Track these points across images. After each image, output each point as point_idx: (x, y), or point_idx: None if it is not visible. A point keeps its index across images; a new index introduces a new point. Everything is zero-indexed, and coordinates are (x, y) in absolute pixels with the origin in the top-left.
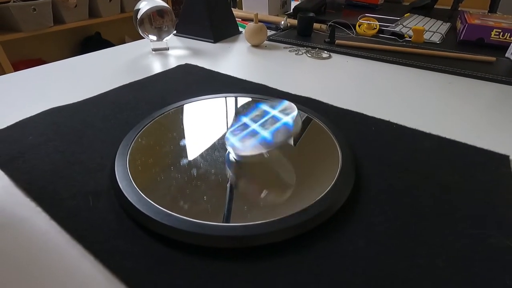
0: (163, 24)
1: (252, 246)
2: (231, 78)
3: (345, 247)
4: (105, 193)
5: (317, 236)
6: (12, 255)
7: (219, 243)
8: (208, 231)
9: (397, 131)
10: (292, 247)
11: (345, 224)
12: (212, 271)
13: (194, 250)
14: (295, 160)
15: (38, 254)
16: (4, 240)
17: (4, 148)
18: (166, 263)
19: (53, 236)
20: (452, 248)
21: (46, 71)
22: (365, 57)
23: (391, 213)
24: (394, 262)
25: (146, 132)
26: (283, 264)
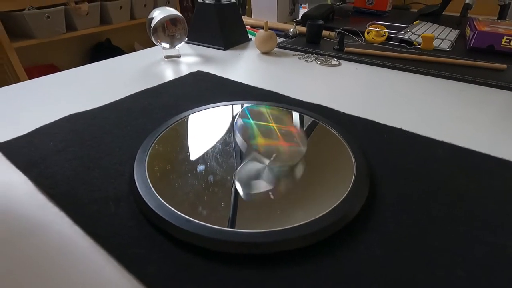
0: (176, 32)
1: (269, 253)
2: (243, 85)
3: (362, 255)
4: (125, 198)
5: (334, 243)
6: (37, 259)
7: (237, 249)
8: (226, 237)
9: (409, 139)
10: (309, 255)
11: (361, 232)
12: (230, 276)
13: (213, 255)
14: (309, 167)
15: (62, 257)
16: (30, 244)
17: (27, 154)
18: (186, 269)
19: (77, 240)
20: (471, 257)
21: (62, 78)
22: (374, 64)
23: (406, 221)
24: (412, 271)
25: (163, 138)
26: (300, 271)
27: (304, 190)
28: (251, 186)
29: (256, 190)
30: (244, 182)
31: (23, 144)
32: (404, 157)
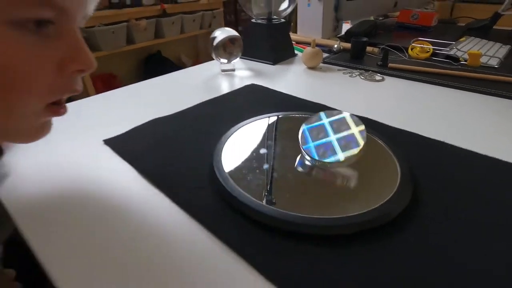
0: (234, 49)
1: (347, 234)
2: (293, 97)
3: (406, 244)
4: (207, 186)
5: (382, 232)
6: (141, 225)
7: (318, 230)
8: (306, 221)
9: (452, 151)
10: (370, 237)
11: (405, 227)
12: (314, 253)
13: (290, 235)
14: (361, 170)
15: (165, 227)
16: (137, 215)
17: (127, 148)
18: (271, 248)
19: (174, 212)
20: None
21: (141, 88)
22: (418, 80)
23: (446, 226)
24: (448, 266)
25: (232, 140)
26: (362, 251)
27: (357, 188)
28: (313, 181)
29: (317, 182)
30: (305, 177)
31: (123, 140)
32: (447, 168)
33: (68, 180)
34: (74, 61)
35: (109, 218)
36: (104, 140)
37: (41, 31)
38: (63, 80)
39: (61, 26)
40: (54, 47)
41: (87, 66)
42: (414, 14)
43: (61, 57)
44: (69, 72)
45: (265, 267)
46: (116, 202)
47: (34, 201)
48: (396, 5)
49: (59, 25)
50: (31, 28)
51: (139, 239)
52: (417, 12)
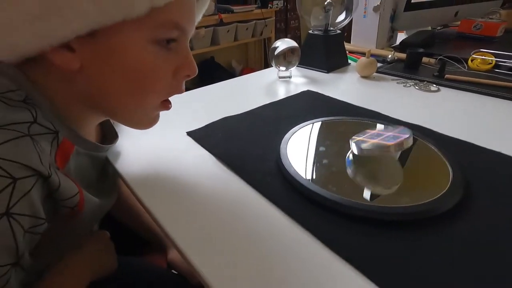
0: (293, 58)
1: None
2: (347, 104)
3: (459, 230)
4: (275, 173)
5: (435, 222)
6: (224, 200)
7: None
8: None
9: (508, 160)
10: (419, 227)
11: (459, 217)
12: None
13: (342, 216)
14: (413, 171)
15: (239, 202)
16: (219, 193)
17: (207, 140)
18: (336, 226)
19: (250, 194)
20: None
21: (210, 90)
22: (476, 92)
23: (495, 220)
24: (492, 250)
25: (295, 138)
26: (418, 235)
27: (411, 184)
28: (371, 175)
29: (378, 179)
30: (359, 170)
31: (202, 133)
32: (500, 176)
33: (164, 161)
34: (185, 68)
35: (196, 189)
36: (187, 132)
37: (168, 46)
38: (175, 83)
39: (180, 42)
40: (173, 58)
41: (193, 72)
42: (477, 24)
43: (177, 65)
44: (180, 76)
45: (324, 237)
46: (199, 180)
47: (139, 174)
48: (457, 14)
49: (178, 41)
50: (163, 45)
51: (216, 205)
52: (481, 22)
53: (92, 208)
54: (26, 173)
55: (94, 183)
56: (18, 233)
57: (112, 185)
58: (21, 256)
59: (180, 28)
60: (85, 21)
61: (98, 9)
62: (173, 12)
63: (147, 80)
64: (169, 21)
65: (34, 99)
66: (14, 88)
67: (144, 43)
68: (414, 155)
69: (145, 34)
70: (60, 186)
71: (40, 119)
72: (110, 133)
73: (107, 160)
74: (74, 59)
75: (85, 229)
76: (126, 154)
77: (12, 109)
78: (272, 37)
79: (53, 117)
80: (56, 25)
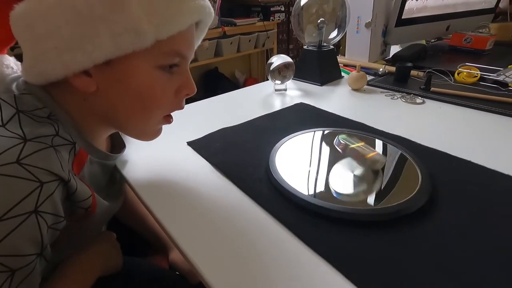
0: (287, 73)
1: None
2: (336, 115)
3: (424, 230)
4: (264, 180)
5: (401, 223)
6: (219, 204)
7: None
8: (337, 208)
9: (475, 169)
10: (390, 227)
11: (424, 218)
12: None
13: (323, 218)
14: (389, 177)
15: (233, 206)
16: (216, 198)
17: (205, 149)
18: (316, 228)
19: (242, 197)
20: (497, 247)
21: (210, 103)
22: (459, 105)
23: (456, 221)
24: (455, 247)
25: (284, 147)
26: (389, 234)
27: (383, 188)
28: (348, 182)
29: (355, 185)
30: (343, 178)
31: (202, 143)
32: (467, 182)
33: (166, 168)
34: (185, 88)
35: (195, 194)
36: (187, 142)
37: (171, 70)
38: (176, 100)
39: (181, 66)
40: (175, 79)
41: (192, 91)
42: (467, 37)
43: (178, 86)
44: (181, 95)
45: (306, 236)
46: (198, 186)
47: (144, 180)
48: (449, 28)
49: (180, 65)
50: (167, 69)
51: (213, 209)
52: (471, 35)
53: (102, 210)
54: (50, 178)
55: (104, 188)
56: (43, 228)
57: (119, 190)
58: (44, 248)
59: (181, 55)
60: (102, 53)
61: (113, 44)
62: (175, 42)
63: (152, 100)
64: (172, 50)
65: (57, 115)
66: (41, 106)
67: (150, 69)
68: (391, 163)
69: (151, 62)
70: (77, 190)
71: (62, 132)
72: (119, 143)
73: (115, 168)
74: (91, 83)
75: (96, 229)
76: (132, 162)
77: (39, 124)
78: (275, 48)
79: (72, 131)
80: (79, 57)
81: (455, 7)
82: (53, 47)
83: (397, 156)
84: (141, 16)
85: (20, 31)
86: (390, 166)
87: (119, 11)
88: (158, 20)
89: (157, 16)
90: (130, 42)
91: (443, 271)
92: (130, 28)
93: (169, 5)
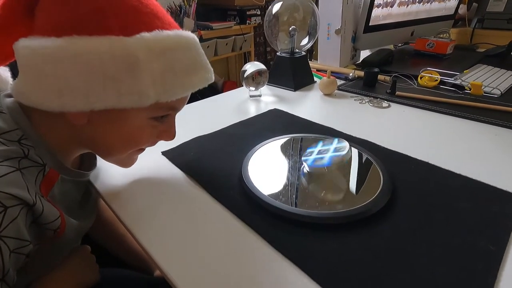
0: (261, 79)
1: (338, 223)
2: (307, 121)
3: (383, 229)
4: (237, 187)
5: (362, 225)
6: (191, 212)
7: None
8: (306, 214)
9: (432, 169)
10: (352, 228)
11: (384, 219)
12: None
13: (293, 223)
14: (352, 180)
15: (205, 213)
16: (187, 205)
17: (180, 159)
18: (277, 227)
19: (214, 205)
20: (448, 242)
21: (182, 110)
22: (422, 108)
23: (414, 220)
24: (411, 244)
25: (257, 154)
26: (351, 236)
27: (348, 191)
28: (313, 185)
29: (313, 186)
30: (307, 182)
31: (176, 152)
32: (423, 182)
33: (140, 179)
34: (166, 134)
35: (169, 203)
36: (162, 152)
37: (161, 119)
38: (155, 141)
39: (170, 116)
40: (161, 126)
41: (171, 139)
42: (430, 42)
43: (161, 131)
44: (161, 139)
45: (276, 242)
46: (173, 195)
47: (118, 192)
48: (413, 34)
49: (170, 115)
50: (158, 119)
51: (190, 218)
52: (433, 41)
53: (72, 229)
54: (14, 203)
55: (77, 205)
56: (5, 253)
57: (92, 207)
58: (6, 273)
59: (174, 109)
60: (103, 104)
61: (117, 100)
62: (172, 102)
63: (137, 142)
64: (168, 106)
65: (29, 138)
66: (14, 127)
67: (144, 119)
68: (355, 167)
69: (146, 113)
70: (43, 212)
71: (31, 155)
72: (89, 158)
73: (89, 182)
74: (83, 117)
75: (69, 247)
76: (106, 175)
77: (6, 147)
78: (252, 51)
79: (44, 153)
80: (79, 103)
81: (418, 14)
82: (57, 89)
83: (363, 160)
84: (148, 84)
85: (24, 63)
86: (356, 170)
87: (130, 76)
88: (163, 90)
89: (163, 87)
90: (133, 101)
91: (402, 268)
92: (136, 92)
93: (176, 79)
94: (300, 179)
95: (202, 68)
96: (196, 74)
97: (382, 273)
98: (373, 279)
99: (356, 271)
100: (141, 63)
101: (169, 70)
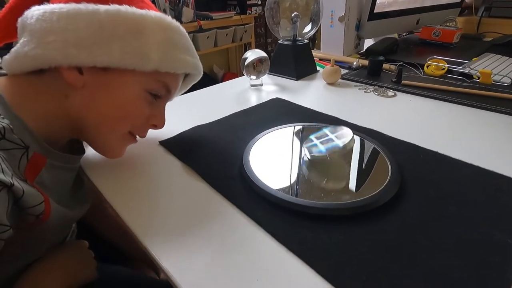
0: (262, 68)
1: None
2: (310, 110)
3: (392, 221)
4: (237, 177)
5: (369, 216)
6: (190, 202)
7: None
8: (304, 203)
9: (441, 159)
10: (359, 220)
11: (392, 210)
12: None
13: (295, 213)
14: (360, 169)
15: (204, 204)
16: (187, 194)
17: (178, 148)
18: (279, 219)
19: (213, 195)
20: (461, 234)
21: (185, 100)
22: (428, 97)
23: (424, 212)
24: (422, 236)
25: (258, 144)
26: (357, 227)
27: (354, 181)
28: (317, 174)
29: (314, 176)
30: (312, 172)
31: (174, 142)
32: (432, 171)
33: (137, 169)
34: (155, 119)
35: (167, 194)
36: (160, 141)
37: (154, 99)
38: (143, 126)
39: (162, 100)
40: (152, 108)
41: (161, 125)
42: (436, 31)
43: (151, 114)
44: (150, 123)
45: (277, 233)
46: (170, 187)
47: (114, 182)
48: (419, 22)
49: (162, 99)
50: (152, 95)
51: (187, 206)
52: (439, 29)
53: (59, 217)
54: None
55: (69, 194)
56: None
57: (84, 196)
58: None
59: (168, 89)
60: (106, 60)
61: (120, 57)
62: (167, 78)
63: (127, 113)
64: (163, 81)
65: (6, 117)
66: None
67: (139, 89)
68: (361, 156)
69: (142, 84)
70: (24, 195)
71: (9, 136)
72: (77, 147)
73: (82, 171)
74: (80, 79)
75: (53, 237)
76: (102, 164)
77: None
78: (252, 42)
79: (25, 134)
80: (83, 55)
81: (424, 1)
82: (64, 39)
83: (370, 149)
84: (152, 48)
85: (34, 24)
86: (362, 159)
87: (137, 37)
88: (163, 57)
89: (164, 54)
90: (135, 61)
91: (413, 262)
92: (139, 52)
93: (175, 53)
94: (304, 168)
95: (195, 57)
96: (191, 57)
97: (391, 267)
98: (383, 272)
99: (363, 264)
100: (147, 30)
101: (170, 43)
